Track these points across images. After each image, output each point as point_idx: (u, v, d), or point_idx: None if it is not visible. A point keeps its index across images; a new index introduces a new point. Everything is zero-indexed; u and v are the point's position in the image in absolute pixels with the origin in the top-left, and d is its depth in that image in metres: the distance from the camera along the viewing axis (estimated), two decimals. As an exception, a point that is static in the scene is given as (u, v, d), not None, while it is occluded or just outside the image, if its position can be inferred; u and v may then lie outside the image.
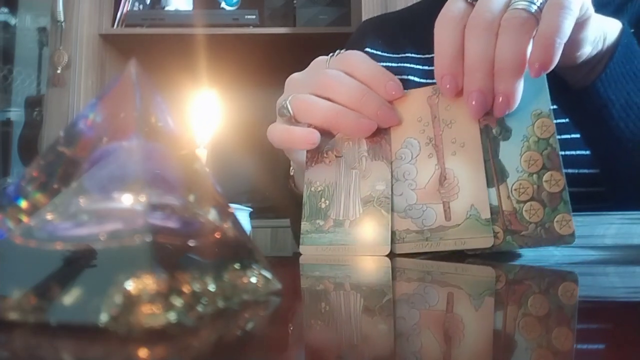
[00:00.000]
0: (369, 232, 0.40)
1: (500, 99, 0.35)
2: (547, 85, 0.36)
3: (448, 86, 0.37)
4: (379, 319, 0.17)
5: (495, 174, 0.36)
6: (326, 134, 0.44)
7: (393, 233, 0.39)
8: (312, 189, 0.43)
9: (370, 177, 0.41)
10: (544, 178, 0.35)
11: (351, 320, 0.18)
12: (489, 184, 0.36)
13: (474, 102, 0.36)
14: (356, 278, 0.30)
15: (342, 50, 0.44)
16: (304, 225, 0.43)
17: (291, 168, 0.55)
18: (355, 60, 0.42)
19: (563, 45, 0.34)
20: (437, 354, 0.13)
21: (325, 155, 0.43)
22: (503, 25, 0.35)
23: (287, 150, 0.48)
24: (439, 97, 0.40)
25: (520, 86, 0.35)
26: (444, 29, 0.37)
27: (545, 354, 0.13)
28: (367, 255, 0.39)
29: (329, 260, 0.39)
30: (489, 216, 0.36)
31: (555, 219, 0.34)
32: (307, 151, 0.44)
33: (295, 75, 0.46)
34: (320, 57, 0.46)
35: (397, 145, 0.40)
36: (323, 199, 0.43)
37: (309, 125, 0.44)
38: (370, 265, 0.35)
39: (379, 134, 0.41)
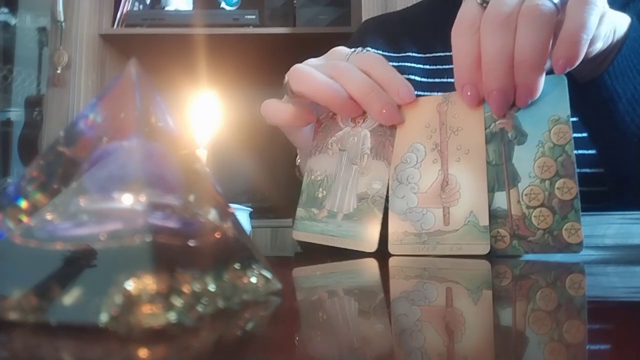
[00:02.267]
0: (359, 227, 0.40)
1: (522, 90, 0.35)
2: (567, 91, 0.36)
3: (469, 94, 0.37)
4: (378, 318, 0.17)
5: (507, 177, 0.36)
6: (333, 126, 0.44)
7: (391, 234, 0.40)
8: (312, 177, 0.44)
9: (369, 175, 0.42)
10: (557, 185, 0.35)
11: (352, 319, 0.18)
12: (500, 188, 0.36)
13: (494, 102, 0.36)
14: (358, 277, 0.30)
15: (364, 50, 0.45)
16: (299, 212, 0.44)
17: (297, 158, 0.55)
18: (373, 60, 0.43)
19: (589, 41, 0.34)
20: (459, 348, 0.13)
21: (329, 146, 0.44)
22: (522, 15, 0.34)
23: (287, 132, 0.49)
24: (448, 105, 0.40)
25: (542, 77, 0.35)
26: (460, 36, 0.37)
27: (548, 348, 0.13)
28: (354, 250, 0.40)
29: (327, 260, 0.39)
30: (487, 223, 0.36)
31: (564, 227, 0.34)
32: (313, 140, 0.45)
33: (312, 59, 0.46)
34: (341, 47, 0.46)
35: (404, 149, 0.41)
36: (321, 189, 0.43)
37: (318, 123, 0.44)
38: (375, 263, 0.35)
39: (384, 134, 0.42)
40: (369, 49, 0.72)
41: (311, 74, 0.42)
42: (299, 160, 0.55)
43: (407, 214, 0.39)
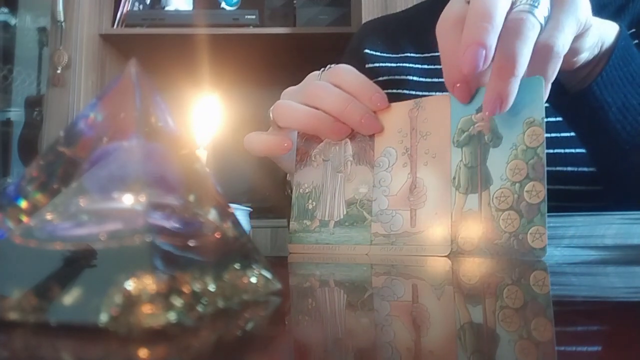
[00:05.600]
0: (351, 232, 0.42)
1: (494, 97, 0.35)
2: (543, 93, 0.36)
3: (462, 92, 0.37)
4: (379, 317, 0.17)
5: (480, 180, 0.37)
6: (314, 139, 0.46)
7: None
8: (301, 190, 0.46)
9: (355, 181, 0.43)
10: (526, 188, 0.35)
11: (350, 318, 0.18)
12: (473, 190, 0.37)
13: (467, 56, 0.34)
14: (355, 277, 0.30)
15: (333, 65, 0.46)
16: (293, 225, 0.45)
17: (287, 175, 0.56)
18: (343, 72, 0.44)
19: (562, 58, 0.35)
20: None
21: (313, 158, 0.46)
22: (507, 26, 0.34)
23: (275, 159, 0.50)
24: (418, 111, 0.41)
25: (516, 88, 0.34)
26: (445, 33, 0.36)
27: (529, 347, 0.13)
28: (349, 254, 0.41)
29: (320, 259, 0.40)
30: (449, 225, 0.37)
31: (530, 231, 0.34)
32: (297, 154, 0.47)
33: (289, 88, 0.48)
34: (313, 72, 0.47)
35: (377, 154, 0.42)
36: (310, 200, 0.45)
37: (300, 137, 0.45)
38: (380, 264, 0.35)
39: (364, 140, 0.43)
40: (367, 50, 0.73)
41: (292, 107, 0.44)
42: (289, 177, 0.56)
43: (378, 215, 0.41)
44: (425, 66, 0.68)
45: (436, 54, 0.37)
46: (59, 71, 1.41)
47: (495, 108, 0.35)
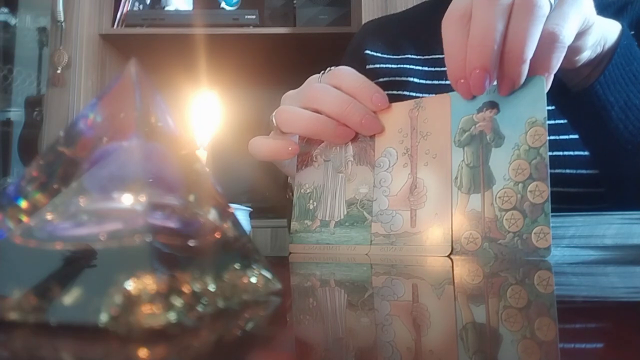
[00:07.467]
0: (351, 232, 0.42)
1: (507, 81, 0.35)
2: (545, 92, 0.36)
3: (465, 90, 0.37)
4: (379, 317, 0.17)
5: (482, 180, 0.37)
6: (315, 140, 0.46)
7: None
8: (302, 191, 0.46)
9: (355, 181, 0.43)
10: (529, 188, 0.35)
11: (350, 318, 0.18)
12: (476, 190, 0.37)
13: (476, 79, 0.35)
14: (355, 277, 0.30)
15: (333, 67, 0.46)
16: (294, 225, 0.46)
17: (289, 178, 0.56)
18: (343, 74, 0.44)
19: (566, 47, 0.35)
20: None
21: (314, 159, 0.46)
22: (518, 5, 0.34)
23: (277, 163, 0.50)
24: (419, 111, 0.41)
25: (526, 69, 0.35)
26: (450, 29, 0.36)
27: (532, 347, 0.13)
28: (349, 254, 0.41)
29: (320, 259, 0.40)
30: (449, 225, 0.37)
31: (534, 231, 0.34)
32: (298, 155, 0.47)
33: (290, 92, 0.48)
34: (313, 75, 0.48)
35: (378, 154, 0.43)
36: (311, 201, 0.45)
37: (301, 138, 0.46)
38: (380, 264, 0.35)
39: (365, 140, 0.43)
40: (367, 51, 0.72)
41: (295, 113, 0.44)
42: (290, 181, 0.56)
43: (378, 215, 0.41)
44: (426, 68, 0.68)
45: (437, 55, 0.38)
46: (59, 71, 1.41)
47: (508, 90, 0.36)
